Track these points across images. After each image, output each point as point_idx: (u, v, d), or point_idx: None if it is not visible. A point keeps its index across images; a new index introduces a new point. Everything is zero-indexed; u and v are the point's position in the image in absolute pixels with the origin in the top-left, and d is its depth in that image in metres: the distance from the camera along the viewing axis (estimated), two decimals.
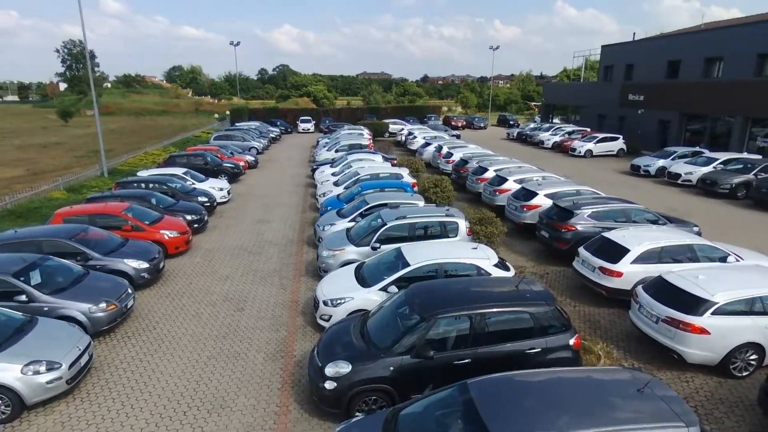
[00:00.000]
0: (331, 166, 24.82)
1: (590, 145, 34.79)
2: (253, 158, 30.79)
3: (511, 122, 61.69)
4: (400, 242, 12.38)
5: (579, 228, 13.45)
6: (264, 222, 18.67)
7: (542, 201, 15.84)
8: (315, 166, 26.82)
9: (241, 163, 27.91)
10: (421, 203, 15.38)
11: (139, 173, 21.33)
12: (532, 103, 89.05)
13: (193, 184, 20.74)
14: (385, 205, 14.87)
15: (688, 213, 19.10)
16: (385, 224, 12.51)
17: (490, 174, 20.47)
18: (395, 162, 26.84)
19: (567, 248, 13.49)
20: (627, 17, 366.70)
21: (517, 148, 40.75)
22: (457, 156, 25.75)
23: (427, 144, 31.06)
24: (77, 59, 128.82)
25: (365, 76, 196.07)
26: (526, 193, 16.43)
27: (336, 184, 20.24)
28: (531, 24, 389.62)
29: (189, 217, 16.60)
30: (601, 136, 35.40)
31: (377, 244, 12.30)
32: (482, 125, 59.07)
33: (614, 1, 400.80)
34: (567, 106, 53.35)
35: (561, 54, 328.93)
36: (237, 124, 49.31)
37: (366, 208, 14.96)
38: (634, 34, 44.12)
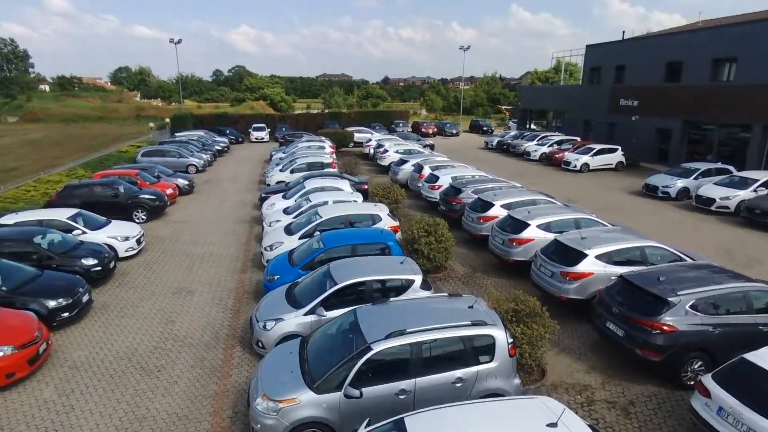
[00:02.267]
0: (285, 197, 19.09)
1: (586, 158, 30.35)
2: (187, 182, 24.54)
3: (485, 128, 57.42)
4: (395, 379, 6.99)
5: (680, 327, 8.35)
6: (182, 293, 12.75)
7: (595, 267, 10.71)
8: (264, 194, 20.98)
9: (169, 191, 21.72)
10: (418, 278, 9.94)
11: (1, 220, 14.86)
12: (504, 107, 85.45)
13: (83, 234, 14.58)
14: (361, 288, 9.41)
15: (758, 260, 14.56)
16: (370, 348, 7.00)
17: (497, 211, 15.29)
18: (366, 187, 21.39)
19: (663, 359, 8.39)
20: (579, 21, 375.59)
21: (500, 160, 36.04)
22: (443, 180, 20.48)
23: (403, 161, 25.67)
24: (8, 59, 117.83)
25: (325, 78, 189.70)
26: (566, 252, 11.24)
27: (289, 231, 14.54)
28: (487, 26, 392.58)
29: (52, 304, 10.56)
30: (597, 147, 31.02)
31: (356, 391, 6.77)
32: (454, 132, 54.32)
33: (566, 5, 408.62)
34: (546, 111, 49.36)
35: (518, 56, 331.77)
36: (177, 134, 42.51)
37: (333, 290, 9.43)
38: (624, 32, 40.23)
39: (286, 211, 16.89)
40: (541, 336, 8.53)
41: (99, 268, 12.97)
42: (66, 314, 10.68)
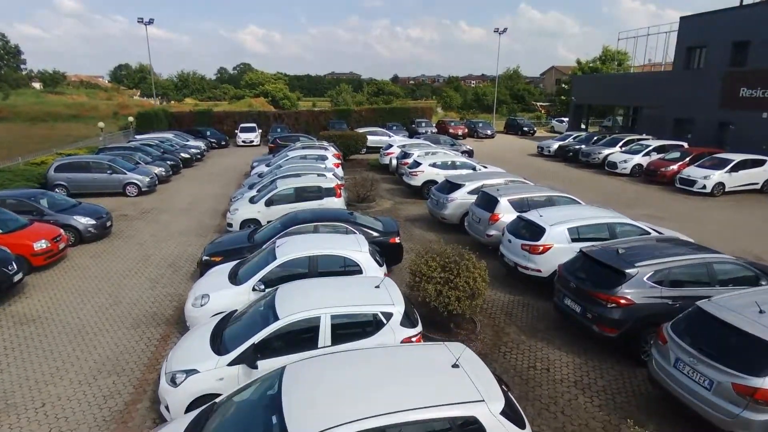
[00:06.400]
0: (233, 277, 9.14)
1: (720, 175, 20.12)
2: (93, 221, 14.62)
3: (525, 128, 47.17)
4: None
5: None
6: None
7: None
8: (206, 257, 11.05)
9: (39, 245, 11.95)
10: None
11: None
12: (539, 104, 74.92)
13: None
14: None
15: None
16: None
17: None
18: (398, 240, 11.49)
19: None
20: (588, 19, 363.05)
21: (571, 174, 25.88)
22: (554, 233, 10.35)
23: (454, 186, 15.51)
24: None
25: (333, 77, 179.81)
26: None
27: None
28: (496, 26, 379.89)
29: None
30: (736, 159, 20.68)
31: None
32: (489, 133, 44.15)
33: (575, 4, 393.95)
34: (614, 106, 39.07)
35: (528, 54, 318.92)
36: (138, 136, 32.85)
37: None
38: None
39: (217, 336, 6.91)
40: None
41: None
42: None
